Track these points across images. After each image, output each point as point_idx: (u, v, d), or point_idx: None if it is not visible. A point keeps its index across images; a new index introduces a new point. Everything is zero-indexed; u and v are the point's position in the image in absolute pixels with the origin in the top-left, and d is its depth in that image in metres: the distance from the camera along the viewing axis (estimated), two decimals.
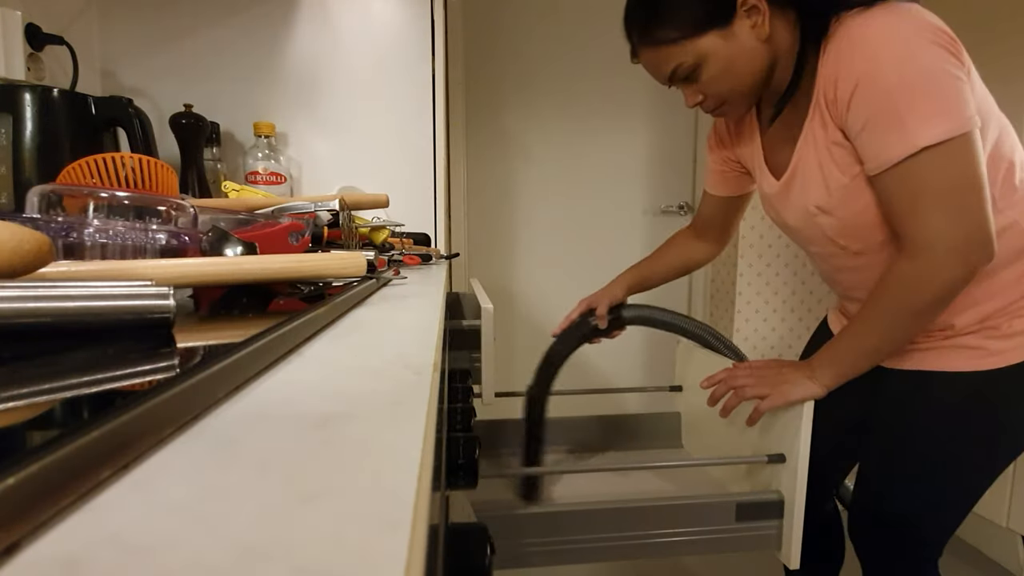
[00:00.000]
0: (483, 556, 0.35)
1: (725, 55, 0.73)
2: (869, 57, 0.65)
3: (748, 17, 0.72)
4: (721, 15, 0.71)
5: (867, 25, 0.66)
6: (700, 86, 0.76)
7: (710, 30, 0.72)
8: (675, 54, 0.74)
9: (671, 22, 0.73)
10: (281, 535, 0.13)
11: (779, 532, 0.83)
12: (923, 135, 0.63)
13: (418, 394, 0.25)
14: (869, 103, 0.65)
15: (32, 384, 0.20)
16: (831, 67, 0.69)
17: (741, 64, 0.74)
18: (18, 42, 0.99)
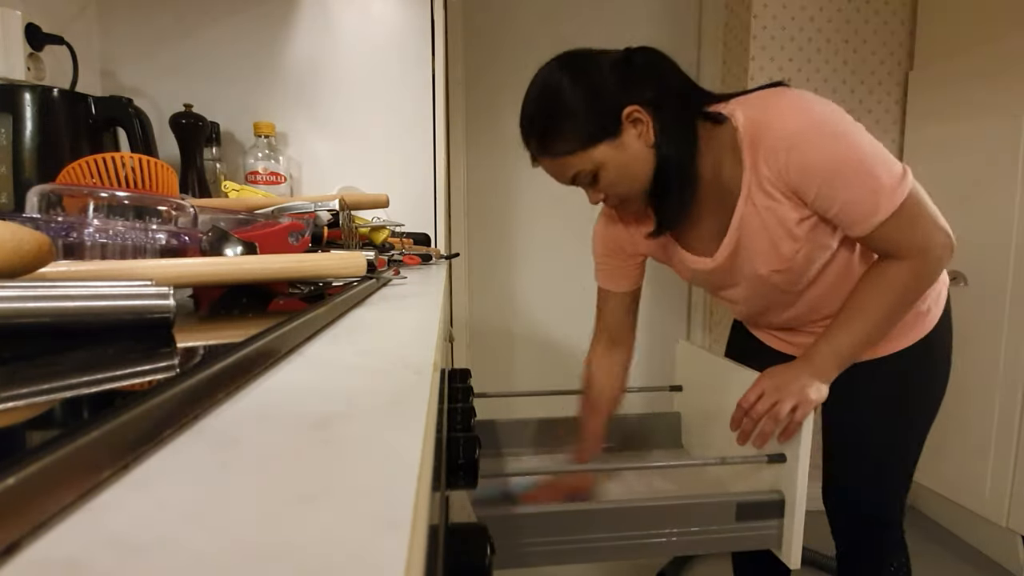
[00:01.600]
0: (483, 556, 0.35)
1: (619, 162, 0.80)
2: (816, 147, 0.74)
3: (634, 127, 0.79)
4: (609, 128, 0.79)
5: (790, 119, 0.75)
6: (601, 187, 0.84)
7: (601, 142, 0.79)
8: (573, 163, 0.81)
9: (568, 135, 0.79)
10: (281, 535, 0.13)
11: (780, 532, 0.83)
12: (899, 190, 0.74)
13: (418, 394, 0.25)
14: (839, 185, 0.74)
15: (32, 384, 0.20)
16: (767, 165, 0.77)
17: (635, 168, 0.81)
18: (18, 42, 0.99)
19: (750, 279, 0.89)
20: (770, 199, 0.79)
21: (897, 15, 1.95)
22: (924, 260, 0.79)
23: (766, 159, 0.77)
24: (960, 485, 1.77)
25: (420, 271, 1.00)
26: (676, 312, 2.25)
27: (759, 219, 0.82)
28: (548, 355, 2.22)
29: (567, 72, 0.79)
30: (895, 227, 0.76)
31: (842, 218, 0.78)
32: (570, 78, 0.79)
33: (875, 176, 0.74)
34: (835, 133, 0.74)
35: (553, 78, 0.80)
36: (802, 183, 0.76)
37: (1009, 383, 1.61)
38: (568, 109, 0.78)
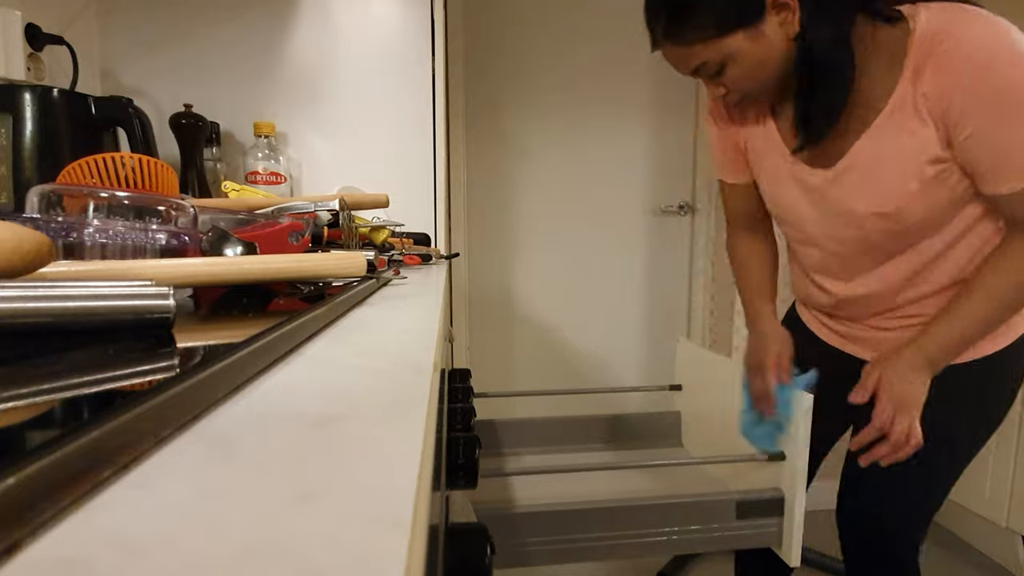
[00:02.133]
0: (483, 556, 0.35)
1: (753, 55, 0.71)
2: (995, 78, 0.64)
3: (777, 14, 0.70)
4: (751, 14, 0.69)
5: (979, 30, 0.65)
6: (725, 81, 0.75)
7: (739, 29, 0.70)
8: (701, 52, 0.72)
9: (700, 20, 0.70)
10: (281, 535, 0.13)
11: (779, 530, 0.83)
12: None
13: (418, 394, 0.25)
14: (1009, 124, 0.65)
15: (32, 384, 0.20)
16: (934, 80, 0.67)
17: (768, 63, 0.72)
18: (18, 42, 0.99)
19: (837, 218, 0.79)
20: (919, 120, 0.69)
21: None
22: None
23: (935, 72, 0.66)
24: (960, 485, 1.77)
25: (420, 271, 1.00)
26: (676, 312, 2.25)
27: (895, 142, 0.71)
28: (548, 355, 2.22)
29: None
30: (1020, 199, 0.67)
31: (986, 168, 0.68)
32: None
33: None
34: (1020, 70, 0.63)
35: None
36: (964, 114, 0.66)
37: None
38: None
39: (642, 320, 2.22)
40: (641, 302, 2.20)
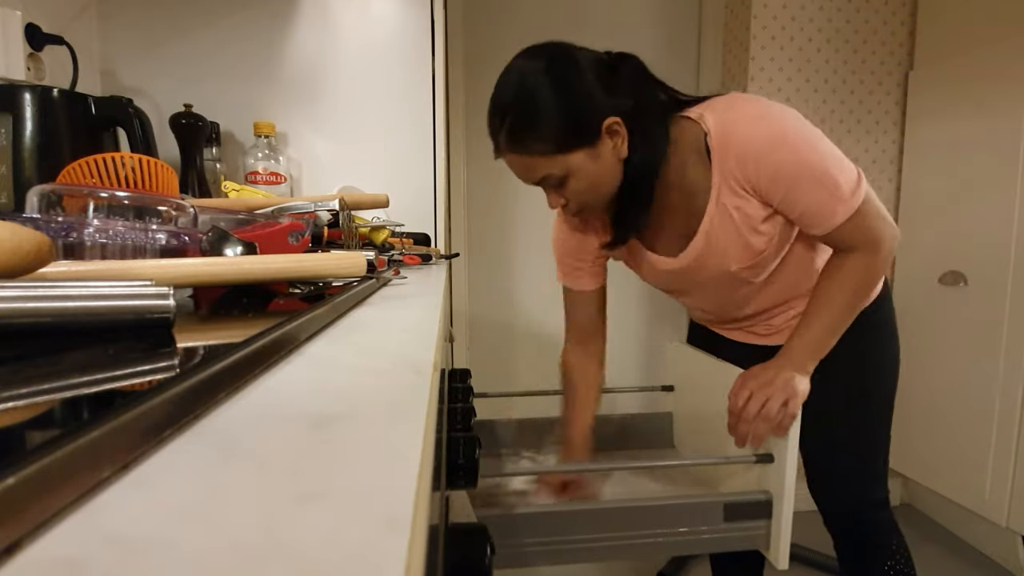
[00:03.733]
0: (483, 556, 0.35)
1: (591, 171, 0.80)
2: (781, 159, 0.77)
3: (611, 139, 0.80)
4: (589, 136, 0.78)
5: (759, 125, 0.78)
6: (565, 193, 0.83)
7: (579, 149, 0.78)
8: (544, 165, 0.80)
9: (544, 136, 0.78)
10: (281, 535, 0.13)
11: (767, 532, 0.83)
12: (856, 195, 0.79)
13: (418, 394, 0.25)
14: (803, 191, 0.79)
15: (32, 384, 0.20)
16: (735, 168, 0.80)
17: (603, 179, 0.82)
18: (18, 42, 0.99)
19: (717, 277, 0.92)
20: (738, 197, 0.82)
21: (897, 15, 1.95)
22: (876, 252, 0.84)
23: (736, 162, 0.79)
24: (960, 485, 1.77)
25: (420, 271, 1.00)
26: (669, 313, 2.25)
27: (729, 218, 0.84)
28: (548, 355, 2.22)
29: (551, 74, 0.77)
30: (851, 227, 0.81)
31: (804, 220, 0.82)
32: (554, 80, 0.77)
33: (836, 183, 0.78)
34: (799, 141, 0.78)
35: (535, 77, 0.77)
36: (770, 189, 0.80)
37: (1009, 383, 1.61)
38: (549, 111, 0.77)
39: (635, 321, 2.21)
40: (640, 302, 2.20)
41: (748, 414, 0.83)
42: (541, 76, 0.77)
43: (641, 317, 2.21)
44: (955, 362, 1.78)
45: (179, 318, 0.32)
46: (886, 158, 2.01)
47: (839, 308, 0.86)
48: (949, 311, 1.79)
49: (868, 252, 0.84)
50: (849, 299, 0.86)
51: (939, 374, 1.83)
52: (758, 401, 0.83)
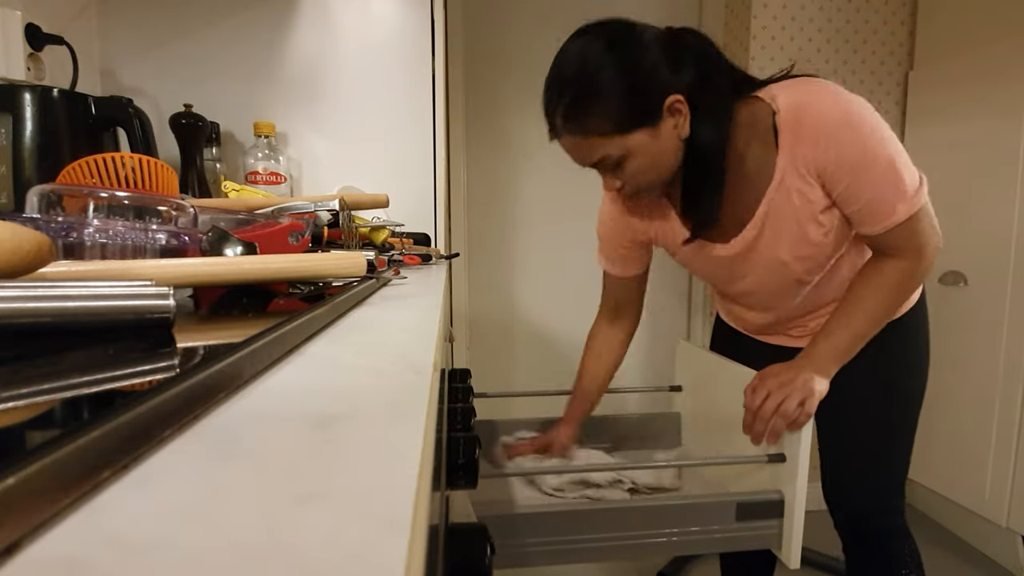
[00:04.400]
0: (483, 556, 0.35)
1: (651, 152, 0.78)
2: (853, 142, 0.76)
3: (672, 117, 0.78)
4: (651, 115, 0.76)
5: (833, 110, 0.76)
6: (622, 175, 0.82)
7: (640, 128, 0.76)
8: (603, 145, 0.78)
9: (604, 116, 0.75)
10: (281, 535, 0.13)
11: (779, 531, 0.83)
12: (917, 197, 0.78)
13: (418, 394, 0.25)
14: (868, 183, 0.77)
15: (32, 384, 0.20)
16: (806, 148, 0.78)
17: (663, 160, 0.80)
18: (18, 42, 0.99)
19: (768, 266, 0.89)
20: (804, 182, 0.80)
21: (897, 15, 1.95)
22: (919, 261, 0.82)
23: (809, 141, 0.77)
24: (960, 485, 1.77)
25: (420, 271, 1.00)
26: (676, 312, 2.25)
27: (790, 202, 0.82)
28: (548, 355, 2.22)
29: (614, 51, 0.75)
30: (904, 230, 0.79)
31: (862, 215, 0.79)
32: (617, 57, 0.74)
33: (901, 180, 0.77)
34: (872, 131, 0.76)
35: (596, 54, 0.75)
36: (836, 173, 0.77)
37: (1009, 383, 1.61)
38: (611, 89, 0.74)
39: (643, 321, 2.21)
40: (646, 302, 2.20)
41: (765, 412, 0.82)
42: (603, 53, 0.75)
43: (647, 317, 2.20)
44: (955, 362, 1.78)
45: (179, 318, 0.32)
46: None
47: (870, 313, 0.83)
48: (949, 311, 1.79)
49: (912, 259, 0.81)
50: (883, 305, 0.83)
51: (939, 374, 1.83)
52: (775, 400, 0.82)
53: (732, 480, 0.98)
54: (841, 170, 0.77)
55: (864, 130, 0.75)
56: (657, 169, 0.80)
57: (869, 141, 0.75)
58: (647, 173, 0.81)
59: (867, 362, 0.88)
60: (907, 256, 0.81)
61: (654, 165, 0.80)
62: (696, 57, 0.79)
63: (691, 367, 1.17)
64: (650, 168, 0.80)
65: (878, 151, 0.76)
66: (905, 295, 0.85)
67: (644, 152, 0.78)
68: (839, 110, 0.76)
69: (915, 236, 0.80)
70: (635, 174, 0.80)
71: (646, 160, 0.79)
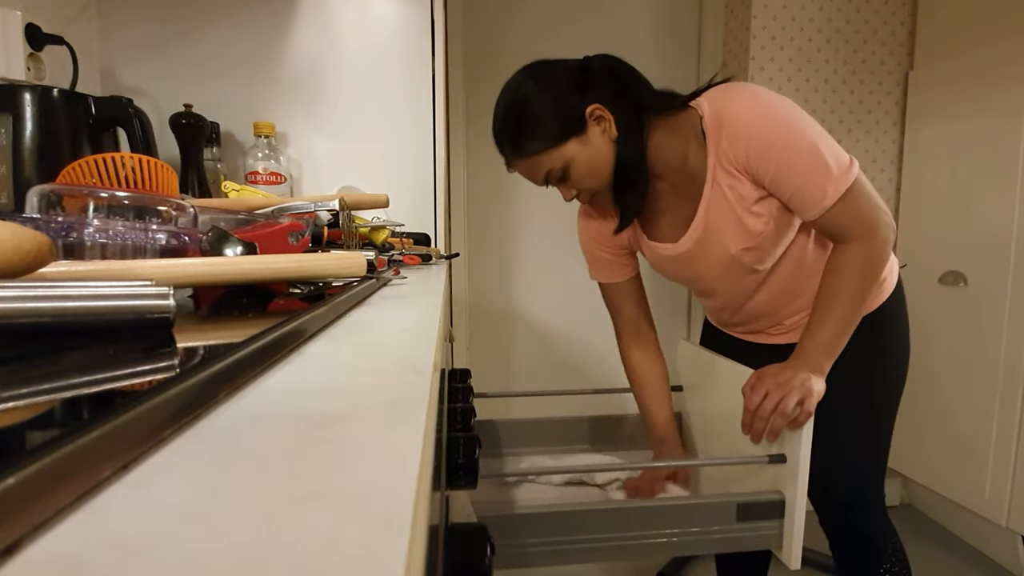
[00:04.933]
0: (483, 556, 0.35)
1: (586, 157, 0.87)
2: (771, 132, 0.82)
3: (598, 124, 0.87)
4: (575, 126, 0.86)
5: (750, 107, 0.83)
6: (572, 183, 0.90)
7: (570, 139, 0.86)
8: (544, 161, 0.88)
9: (539, 135, 0.86)
10: (281, 535, 0.13)
11: (780, 532, 0.83)
12: (845, 176, 0.82)
13: (418, 394, 0.25)
14: (792, 170, 0.82)
15: (32, 384, 0.20)
16: (727, 145, 0.84)
17: (600, 163, 0.88)
18: (18, 42, 0.99)
19: (720, 261, 0.94)
20: (732, 177, 0.86)
21: (897, 15, 1.95)
22: (873, 239, 0.84)
23: (728, 141, 0.84)
24: (960, 485, 1.77)
25: (420, 271, 1.00)
26: (676, 312, 2.25)
27: (725, 199, 0.88)
28: (548, 355, 2.22)
29: (532, 80, 0.87)
30: (842, 211, 0.83)
31: (795, 202, 0.85)
32: (535, 84, 0.87)
33: (824, 162, 0.81)
34: (790, 122, 0.82)
35: (521, 87, 0.88)
36: (760, 167, 0.83)
37: (1009, 383, 1.61)
38: (537, 111, 0.86)
39: None
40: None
41: (764, 411, 0.83)
42: (525, 83, 0.88)
43: None
44: (955, 362, 1.78)
45: (179, 318, 0.32)
46: (886, 158, 2.01)
47: (846, 302, 0.86)
48: (949, 311, 1.79)
49: (864, 238, 0.84)
50: (854, 291, 0.86)
51: (939, 374, 1.83)
52: (774, 399, 0.82)
53: (733, 480, 0.98)
54: (763, 162, 0.82)
55: (781, 119, 0.81)
56: (598, 171, 0.89)
57: (787, 130, 0.81)
58: (591, 176, 0.89)
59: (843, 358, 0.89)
60: (859, 237, 0.85)
61: (593, 168, 0.88)
62: (609, 73, 0.89)
63: (691, 367, 1.17)
64: (591, 171, 0.88)
65: (798, 138, 0.81)
66: (874, 277, 0.87)
67: (581, 158, 0.87)
68: (755, 104, 0.83)
69: (857, 215, 0.83)
70: (580, 179, 0.89)
71: (584, 165, 0.88)
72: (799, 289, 0.97)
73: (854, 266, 0.85)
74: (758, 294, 0.99)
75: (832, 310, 0.86)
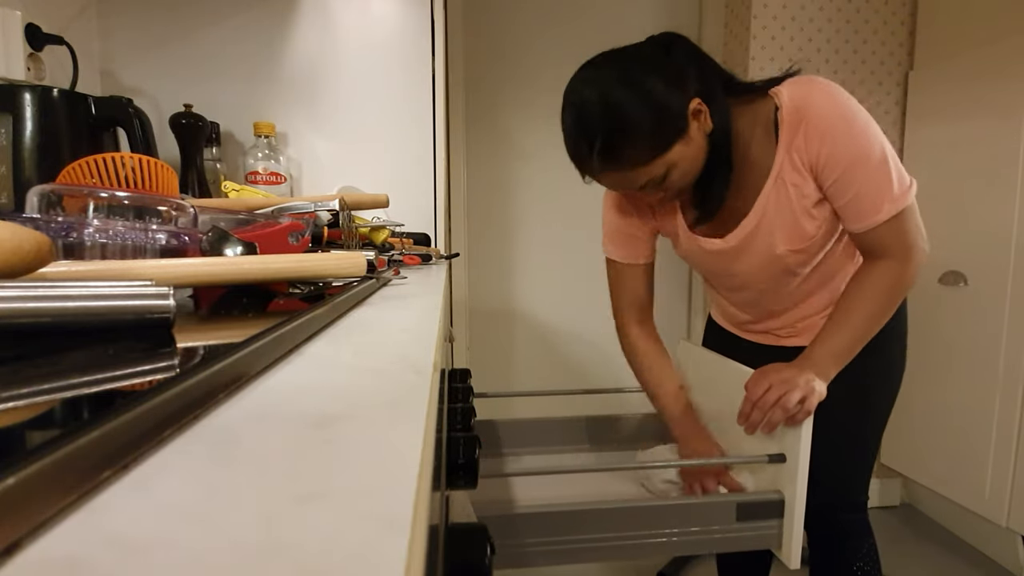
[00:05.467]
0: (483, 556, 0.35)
1: (688, 157, 0.82)
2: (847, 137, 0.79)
3: (696, 119, 0.81)
4: (681, 128, 0.80)
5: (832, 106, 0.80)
6: (666, 187, 0.84)
7: (675, 143, 0.80)
8: (646, 172, 0.81)
9: (641, 147, 0.79)
10: (281, 535, 0.13)
11: (779, 532, 0.83)
12: (903, 197, 0.81)
13: (418, 394, 0.25)
14: (856, 179, 0.80)
15: (32, 384, 0.20)
16: (802, 141, 0.81)
17: (698, 160, 0.84)
18: (18, 42, 0.99)
19: (763, 259, 0.91)
20: (799, 175, 0.83)
21: (897, 15, 1.95)
22: (907, 262, 0.84)
23: (805, 137, 0.81)
24: (960, 485, 1.77)
25: (420, 271, 1.00)
26: (676, 312, 2.25)
27: (786, 196, 0.85)
28: (548, 355, 2.22)
29: (620, 83, 0.77)
30: (889, 230, 0.82)
31: (847, 211, 0.83)
32: (627, 87, 0.77)
33: (888, 179, 0.80)
34: (866, 129, 0.80)
35: (611, 92, 0.77)
36: (827, 167, 0.81)
37: (1009, 383, 1.61)
38: (638, 120, 0.77)
39: None
40: None
41: (765, 403, 0.83)
42: (619, 90, 0.77)
43: None
44: (955, 362, 1.78)
45: (179, 318, 0.32)
46: None
47: (865, 317, 0.85)
48: (949, 311, 1.79)
49: (900, 260, 0.84)
50: (876, 309, 0.85)
51: (939, 374, 1.82)
52: (776, 392, 0.82)
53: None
54: (832, 163, 0.80)
55: (858, 127, 0.79)
56: (694, 170, 0.84)
57: (861, 138, 0.79)
58: (687, 177, 0.84)
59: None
60: (895, 257, 0.84)
61: (692, 168, 0.84)
62: (688, 57, 0.83)
63: (692, 367, 1.17)
64: (689, 172, 0.84)
65: (870, 149, 0.79)
66: (897, 298, 0.86)
67: (683, 160, 0.82)
68: (836, 105, 0.80)
69: (902, 236, 0.83)
70: (678, 181, 0.83)
71: (686, 165, 0.82)
72: (819, 292, 0.96)
73: (881, 285, 0.85)
74: (785, 294, 0.98)
75: (849, 322, 0.85)
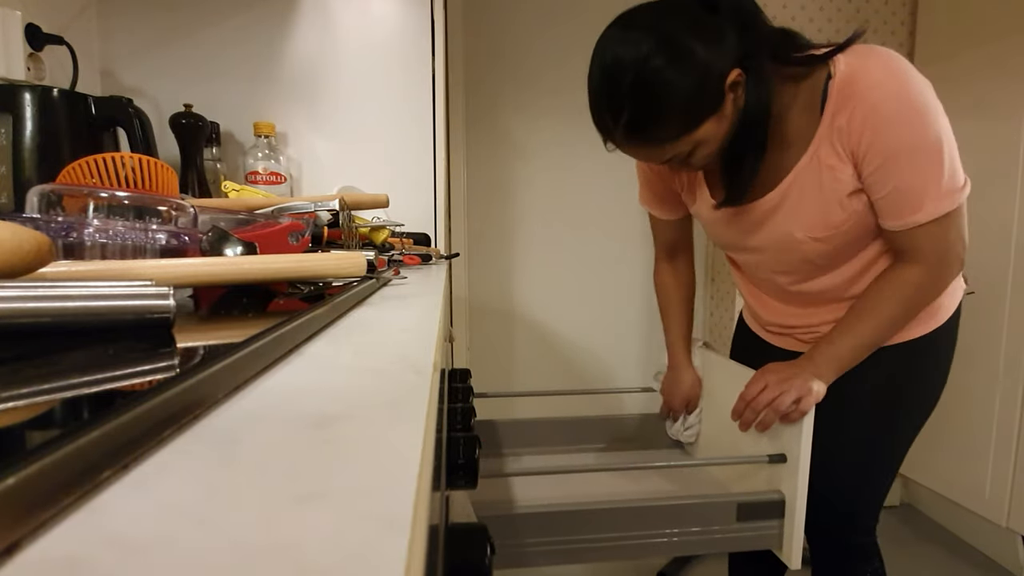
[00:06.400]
0: (483, 556, 0.35)
1: (718, 135, 0.74)
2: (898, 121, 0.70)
3: (732, 92, 0.72)
4: (715, 103, 0.72)
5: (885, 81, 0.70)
6: (690, 163, 0.78)
7: (707, 120, 0.72)
8: (672, 148, 0.74)
9: (671, 122, 0.71)
10: (281, 535, 0.13)
11: (780, 532, 0.83)
12: (950, 199, 0.73)
13: (418, 394, 0.25)
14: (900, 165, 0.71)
15: (32, 384, 0.20)
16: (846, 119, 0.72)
17: (726, 133, 0.76)
18: (18, 42, 0.99)
19: (779, 239, 0.84)
20: (837, 158, 0.75)
21: (897, 15, 1.95)
22: (940, 271, 0.77)
23: (849, 117, 0.71)
24: (960, 485, 1.77)
25: (420, 271, 1.00)
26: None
27: (818, 179, 0.77)
28: (548, 355, 2.22)
29: (664, 53, 0.67)
30: (927, 233, 0.74)
31: (884, 204, 0.74)
32: (670, 60, 0.67)
33: (937, 176, 0.71)
34: (923, 115, 0.70)
35: (647, 62, 0.68)
36: (869, 151, 0.71)
37: (1009, 383, 1.61)
38: (673, 94, 0.68)
39: (643, 320, 2.22)
40: (642, 302, 2.20)
41: (759, 403, 0.82)
42: (655, 58, 0.68)
43: (644, 314, 2.21)
44: (955, 362, 1.77)
45: (179, 318, 0.32)
46: None
47: (879, 322, 0.80)
48: None
49: (931, 270, 0.77)
50: (893, 315, 0.80)
51: None
52: (771, 393, 0.82)
53: (734, 480, 0.98)
54: (875, 150, 0.71)
55: (913, 110, 0.69)
56: (720, 146, 0.76)
57: (915, 124, 0.69)
58: (714, 152, 0.77)
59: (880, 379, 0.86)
60: (927, 264, 0.76)
61: (719, 144, 0.76)
62: (736, 17, 0.71)
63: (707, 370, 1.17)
64: (715, 148, 0.76)
65: (923, 138, 0.70)
66: (919, 309, 0.81)
67: (712, 137, 0.74)
68: (896, 82, 0.69)
69: (940, 242, 0.75)
70: (704, 156, 0.76)
71: (715, 142, 0.75)
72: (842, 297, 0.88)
73: (905, 290, 0.79)
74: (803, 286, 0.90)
75: (862, 325, 0.81)
